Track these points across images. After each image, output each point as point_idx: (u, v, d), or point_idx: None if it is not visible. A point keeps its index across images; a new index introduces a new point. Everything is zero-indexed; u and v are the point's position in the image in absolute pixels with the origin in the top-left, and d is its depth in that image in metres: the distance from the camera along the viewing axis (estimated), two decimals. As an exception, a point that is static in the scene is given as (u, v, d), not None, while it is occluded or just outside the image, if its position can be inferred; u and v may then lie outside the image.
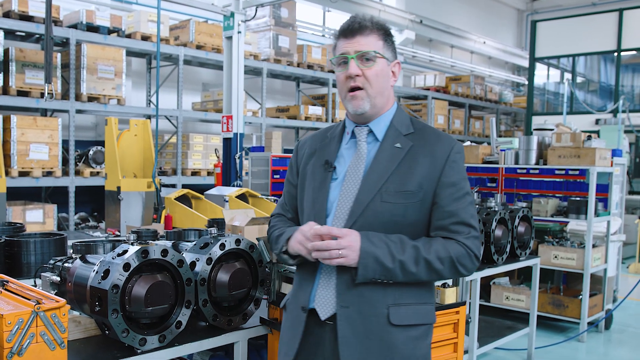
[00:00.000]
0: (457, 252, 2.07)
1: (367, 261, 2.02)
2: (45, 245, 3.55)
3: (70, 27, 9.54)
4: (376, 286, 2.07)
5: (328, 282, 2.14)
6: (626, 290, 7.89)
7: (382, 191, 2.09)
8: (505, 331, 5.72)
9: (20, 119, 8.54)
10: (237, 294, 2.77)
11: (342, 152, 2.26)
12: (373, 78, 2.14)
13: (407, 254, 2.04)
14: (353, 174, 2.17)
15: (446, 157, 2.13)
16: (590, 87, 17.85)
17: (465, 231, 2.11)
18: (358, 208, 2.10)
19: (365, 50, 2.13)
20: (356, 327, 2.07)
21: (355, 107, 2.16)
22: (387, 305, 2.08)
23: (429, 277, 2.08)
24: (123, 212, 6.10)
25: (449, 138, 2.20)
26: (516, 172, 8.11)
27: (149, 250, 2.43)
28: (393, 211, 2.09)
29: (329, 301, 2.13)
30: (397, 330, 2.08)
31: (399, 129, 2.20)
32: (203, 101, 12.55)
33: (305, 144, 2.41)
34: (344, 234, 2.02)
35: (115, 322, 2.32)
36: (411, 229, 2.12)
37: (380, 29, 2.17)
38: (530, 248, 5.48)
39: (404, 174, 2.11)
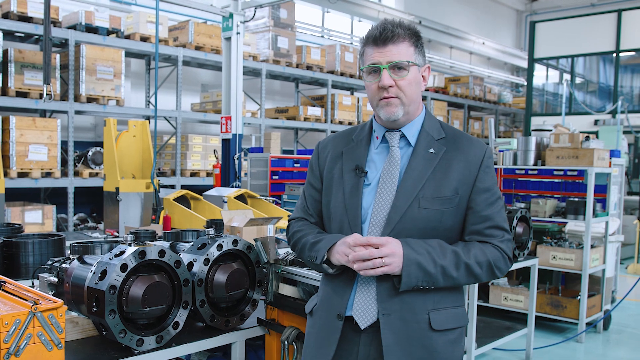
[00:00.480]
0: (494, 256, 2.09)
1: (410, 269, 2.00)
2: (44, 246, 3.56)
3: (69, 28, 9.55)
4: (417, 292, 2.06)
5: (367, 291, 2.10)
6: (625, 291, 7.89)
7: (419, 197, 2.08)
8: (503, 332, 5.72)
9: (19, 119, 8.54)
10: (235, 294, 2.77)
11: (373, 157, 2.22)
12: (406, 87, 2.11)
13: (448, 259, 2.03)
14: (387, 180, 2.13)
15: (480, 162, 2.14)
16: (589, 87, 17.86)
17: (500, 235, 2.12)
18: (396, 215, 2.08)
19: (398, 60, 2.08)
20: (399, 334, 2.05)
21: (389, 113, 2.12)
22: (428, 311, 2.07)
23: (468, 281, 2.09)
24: (122, 213, 6.10)
25: (481, 142, 2.20)
26: (515, 173, 8.13)
27: (146, 251, 2.43)
28: (430, 217, 2.08)
29: (369, 309, 2.10)
30: (437, 335, 2.08)
31: (431, 134, 2.18)
32: (202, 102, 12.57)
33: (327, 145, 2.35)
34: (384, 242, 2.00)
35: (113, 322, 2.32)
36: (447, 234, 2.11)
37: (411, 35, 2.12)
38: (528, 249, 5.48)
39: (439, 180, 2.10)
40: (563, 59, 17.39)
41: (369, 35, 2.13)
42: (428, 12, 18.87)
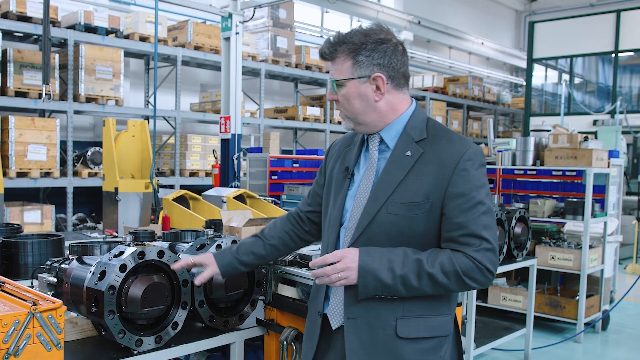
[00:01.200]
0: (464, 266, 1.98)
1: (366, 280, 1.99)
2: (43, 246, 3.56)
3: (69, 28, 9.55)
4: (384, 299, 2.05)
5: (339, 293, 2.14)
6: (623, 291, 7.90)
7: (389, 202, 2.05)
8: (502, 332, 5.72)
9: (18, 119, 8.55)
10: (234, 294, 2.78)
11: (361, 159, 2.25)
12: (344, 102, 2.13)
13: (409, 268, 1.98)
14: (365, 184, 2.15)
15: (454, 166, 2.03)
16: (588, 88, 17.88)
17: (476, 243, 2.00)
18: (365, 220, 2.08)
19: (334, 78, 2.12)
20: (363, 338, 2.07)
21: (344, 126, 2.20)
22: (396, 318, 2.05)
23: (435, 290, 2.02)
24: (121, 213, 6.11)
25: (462, 143, 2.08)
26: (513, 173, 8.13)
27: (145, 251, 2.43)
28: (398, 223, 2.04)
29: (339, 311, 2.14)
30: (405, 342, 2.05)
31: (412, 135, 2.12)
32: (201, 102, 12.57)
33: (335, 146, 2.39)
34: (339, 257, 2.01)
35: (112, 323, 2.32)
36: (419, 240, 2.06)
37: (346, 49, 2.09)
38: (527, 249, 5.50)
39: (411, 184, 2.05)
40: (562, 59, 17.40)
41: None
42: (427, 12, 18.88)
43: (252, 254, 2.45)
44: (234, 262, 2.43)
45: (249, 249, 2.45)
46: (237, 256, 2.43)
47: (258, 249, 2.45)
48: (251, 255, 2.44)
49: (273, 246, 2.47)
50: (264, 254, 2.46)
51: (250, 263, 2.46)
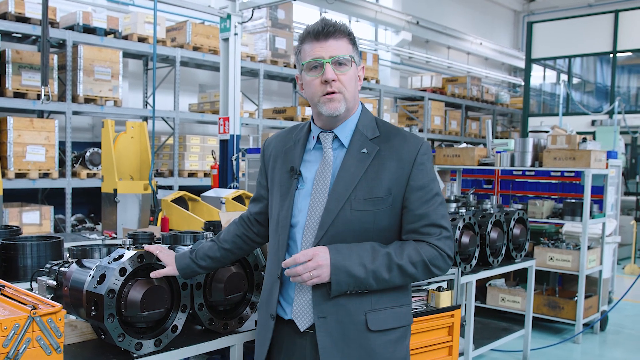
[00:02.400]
0: (429, 255, 2.08)
1: (339, 276, 2.03)
2: (42, 248, 3.55)
3: (67, 28, 9.54)
4: (352, 295, 2.09)
5: (305, 295, 2.16)
6: (621, 291, 7.91)
7: (351, 199, 2.09)
8: (500, 333, 5.73)
9: (17, 120, 8.54)
10: (233, 297, 2.78)
11: (308, 157, 2.26)
12: (348, 82, 2.13)
13: (379, 261, 2.04)
14: (321, 182, 2.17)
15: (413, 160, 2.12)
16: (586, 88, 17.89)
17: (437, 232, 2.11)
18: (328, 218, 2.10)
19: (340, 54, 2.11)
20: (335, 336, 2.10)
21: (332, 109, 2.12)
22: (365, 312, 2.10)
23: (403, 281, 2.10)
24: (120, 214, 6.10)
25: (416, 139, 2.18)
26: (512, 174, 8.15)
27: (144, 254, 2.44)
28: (363, 219, 2.09)
29: (307, 312, 2.16)
30: (375, 335, 2.11)
31: (365, 133, 2.19)
32: (200, 102, 12.56)
33: (271, 144, 2.41)
34: (311, 256, 2.03)
35: (111, 326, 2.33)
36: (383, 234, 2.13)
37: (350, 34, 2.17)
38: (525, 250, 5.50)
39: (372, 180, 2.10)
40: (560, 60, 17.41)
41: (309, 30, 2.15)
42: (425, 12, 18.88)
43: (209, 258, 2.48)
44: (192, 265, 2.46)
45: (205, 253, 2.48)
46: (195, 260, 2.46)
47: (213, 253, 2.48)
48: (207, 259, 2.47)
49: (227, 250, 2.50)
50: (219, 257, 2.49)
51: (206, 266, 2.49)
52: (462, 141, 17.66)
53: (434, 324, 3.36)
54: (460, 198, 6.79)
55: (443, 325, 3.44)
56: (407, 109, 17.19)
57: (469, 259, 4.68)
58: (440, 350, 3.43)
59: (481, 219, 4.92)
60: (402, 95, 17.32)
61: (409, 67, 19.60)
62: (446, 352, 3.48)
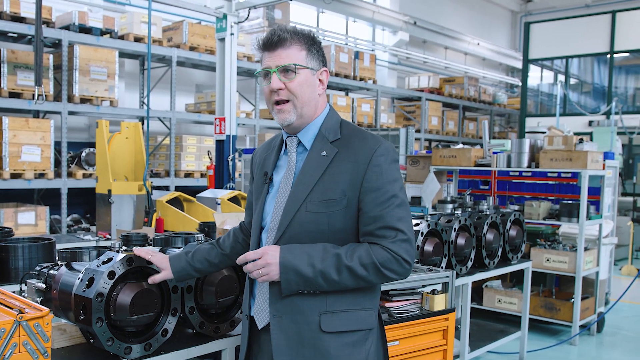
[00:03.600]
0: (381, 257, 2.05)
1: (288, 275, 2.05)
2: (34, 250, 3.52)
3: (63, 28, 9.50)
4: (307, 295, 2.11)
5: (263, 293, 2.20)
6: (618, 293, 7.89)
7: (307, 201, 2.12)
8: (497, 335, 5.71)
9: (12, 120, 8.49)
10: (225, 301, 2.75)
11: (280, 162, 2.32)
12: (296, 89, 2.15)
13: (328, 262, 2.04)
14: (284, 185, 2.22)
15: (368, 162, 2.12)
16: (584, 88, 17.89)
17: (391, 235, 2.08)
18: (285, 220, 2.14)
19: (285, 63, 2.13)
20: (289, 335, 2.12)
21: (282, 119, 2.18)
22: (319, 313, 2.11)
23: (355, 283, 2.08)
24: (114, 215, 6.06)
25: (374, 141, 2.16)
26: (509, 175, 8.12)
27: (134, 258, 2.41)
28: (317, 220, 2.11)
29: (264, 310, 2.19)
30: (329, 337, 2.11)
31: (327, 136, 2.21)
32: (196, 102, 12.52)
33: (257, 153, 2.47)
34: (260, 254, 2.08)
35: (100, 330, 2.30)
36: (338, 236, 2.13)
37: (301, 39, 2.17)
38: (522, 252, 5.48)
39: (328, 183, 2.12)
40: (557, 60, 17.41)
41: (261, 41, 2.19)
42: (423, 12, 18.87)
43: (207, 262, 2.47)
44: (188, 267, 2.44)
45: (203, 256, 2.47)
46: (191, 263, 2.45)
47: (212, 257, 2.48)
48: (205, 262, 2.47)
49: (226, 255, 2.51)
50: (217, 262, 2.50)
51: (203, 270, 2.49)
52: (459, 141, 17.63)
53: (428, 327, 3.33)
54: (456, 199, 6.78)
55: (437, 328, 3.41)
56: (405, 110, 17.18)
57: (464, 261, 4.66)
58: (434, 354, 3.40)
59: (477, 221, 4.90)
60: (399, 96, 17.30)
61: (406, 68, 19.59)
62: (440, 356, 3.45)
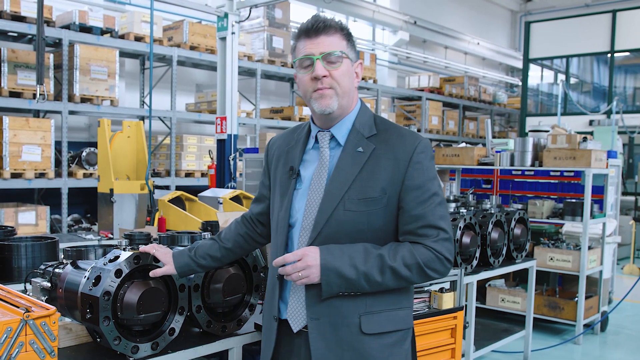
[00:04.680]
0: (425, 257, 2.01)
1: (329, 277, 1.99)
2: (37, 249, 3.50)
3: (63, 27, 9.47)
4: (346, 296, 2.04)
5: (299, 295, 2.12)
6: (621, 292, 7.87)
7: (345, 199, 2.05)
8: (501, 334, 5.68)
9: (13, 120, 8.46)
10: (232, 299, 2.72)
11: (307, 157, 2.23)
12: (340, 78, 2.09)
13: (371, 263, 1.99)
14: (317, 182, 2.13)
15: (409, 159, 2.06)
16: (584, 88, 17.87)
17: (434, 234, 2.04)
18: (322, 219, 2.07)
19: (331, 50, 2.07)
20: (328, 338, 2.05)
21: (324, 106, 2.09)
22: (359, 314, 2.05)
23: (397, 284, 2.04)
24: (116, 214, 6.04)
25: (413, 137, 2.12)
26: (511, 174, 8.10)
27: (141, 256, 2.38)
28: (357, 219, 2.05)
29: (300, 313, 2.12)
30: (370, 338, 2.05)
31: (362, 132, 2.14)
32: (197, 102, 12.50)
33: (275, 144, 2.38)
34: (300, 256, 2.00)
35: (107, 329, 2.27)
36: (378, 235, 2.07)
37: (343, 29, 2.13)
38: (526, 250, 5.46)
39: (366, 180, 2.06)
40: (558, 59, 17.39)
41: (301, 28, 2.13)
42: (423, 12, 18.84)
43: (209, 257, 2.44)
44: (191, 263, 2.41)
45: (205, 251, 2.43)
46: (194, 259, 2.41)
47: (214, 252, 2.44)
48: (208, 258, 2.43)
49: (228, 249, 2.47)
50: (219, 256, 2.46)
51: (206, 265, 2.45)
52: (459, 141, 17.63)
53: (436, 326, 3.30)
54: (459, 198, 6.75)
55: (446, 327, 3.38)
56: (405, 109, 17.15)
57: (469, 260, 4.63)
58: (442, 352, 3.38)
59: (482, 219, 4.87)
60: (399, 95, 17.28)
61: (406, 67, 19.56)
62: (449, 355, 3.43)
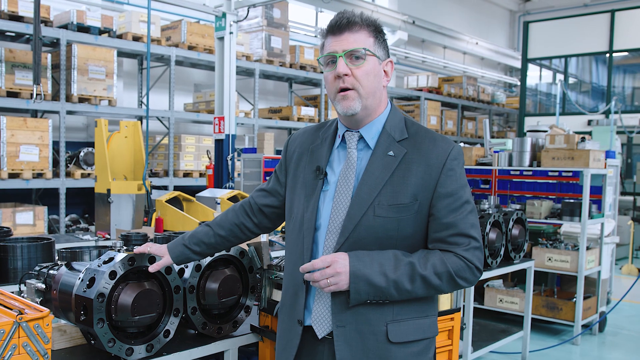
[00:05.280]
0: (455, 266, 1.96)
1: (358, 285, 1.93)
2: (32, 250, 3.48)
3: (61, 27, 9.46)
4: (373, 304, 1.99)
5: (324, 301, 2.06)
6: (619, 292, 7.86)
7: (375, 205, 1.99)
8: (499, 335, 5.67)
9: (10, 120, 8.45)
10: (227, 301, 2.71)
11: (334, 157, 2.15)
12: (363, 77, 2.01)
13: (401, 271, 1.94)
14: (344, 185, 2.06)
15: (442, 166, 2.01)
16: (582, 88, 17.87)
17: (465, 242, 1.99)
18: (350, 224, 2.00)
19: (354, 47, 2.00)
20: (354, 346, 2.00)
21: (346, 107, 2.03)
22: (386, 323, 2.00)
23: (427, 292, 1.99)
24: (113, 215, 6.02)
25: (446, 143, 2.06)
26: (509, 174, 8.09)
27: (135, 257, 2.37)
28: (387, 225, 1.98)
29: (326, 319, 2.05)
30: (396, 347, 2.00)
31: (392, 135, 2.07)
32: (195, 102, 12.48)
33: (296, 140, 2.31)
34: (329, 262, 1.94)
35: (101, 331, 2.26)
36: (407, 242, 2.02)
37: (370, 25, 2.04)
38: (524, 251, 5.45)
39: (397, 185, 2.00)
40: (556, 59, 17.38)
41: (327, 25, 2.07)
42: (422, 12, 18.83)
43: (203, 244, 2.40)
44: (185, 251, 2.38)
45: (200, 238, 2.40)
46: (189, 246, 2.38)
47: (208, 239, 2.40)
48: (202, 245, 2.40)
49: (223, 237, 2.42)
50: (214, 243, 2.41)
51: (201, 252, 2.42)
52: (458, 141, 17.63)
53: (433, 327, 3.29)
54: (457, 198, 6.73)
55: (443, 328, 3.37)
56: (403, 109, 17.14)
57: (467, 260, 4.62)
58: (440, 354, 3.36)
59: (479, 220, 4.86)
60: (398, 95, 17.27)
61: (405, 67, 19.56)
62: (446, 356, 3.42)
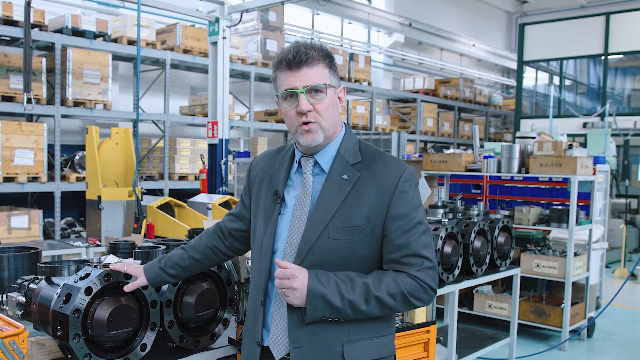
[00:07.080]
0: (409, 286, 2.00)
1: (315, 302, 1.97)
2: (19, 260, 3.50)
3: (56, 31, 9.49)
4: (329, 323, 2.03)
5: (281, 321, 2.10)
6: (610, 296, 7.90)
7: (329, 228, 2.02)
8: (486, 341, 5.69)
9: (5, 124, 8.49)
10: (205, 314, 2.75)
11: (292, 182, 2.20)
12: (324, 111, 2.06)
13: (357, 292, 1.98)
14: (300, 209, 2.10)
15: (394, 188, 2.05)
16: (579, 89, 17.92)
17: (418, 263, 2.03)
18: (305, 247, 2.04)
19: (314, 83, 2.03)
20: None
21: (310, 140, 2.07)
22: (342, 343, 2.03)
23: (382, 312, 2.03)
24: (104, 221, 6.05)
25: (398, 165, 2.10)
26: (500, 179, 8.14)
27: (112, 273, 2.41)
28: (341, 248, 2.02)
29: (283, 340, 2.09)
30: None
31: (346, 158, 2.11)
32: (190, 105, 12.52)
33: (258, 164, 2.36)
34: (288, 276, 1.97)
35: (77, 346, 2.30)
36: (362, 263, 2.06)
37: (325, 57, 2.08)
38: (510, 258, 5.47)
39: (350, 208, 2.03)
40: (552, 61, 17.43)
41: (281, 58, 2.07)
42: (418, 13, 18.88)
43: (179, 267, 2.45)
44: (161, 273, 2.43)
45: (175, 261, 2.45)
46: (164, 269, 2.44)
47: (183, 262, 2.46)
48: (178, 268, 2.45)
49: (197, 260, 2.47)
50: (188, 265, 2.47)
51: (176, 275, 2.47)
52: (454, 143, 17.68)
53: (409, 340, 3.33)
54: (447, 204, 6.78)
55: (418, 341, 3.41)
56: (400, 111, 17.18)
57: (451, 269, 4.65)
58: (416, 365, 3.41)
59: (464, 228, 4.89)
60: (394, 97, 17.31)
61: (401, 69, 19.59)
62: (423, 367, 3.46)
